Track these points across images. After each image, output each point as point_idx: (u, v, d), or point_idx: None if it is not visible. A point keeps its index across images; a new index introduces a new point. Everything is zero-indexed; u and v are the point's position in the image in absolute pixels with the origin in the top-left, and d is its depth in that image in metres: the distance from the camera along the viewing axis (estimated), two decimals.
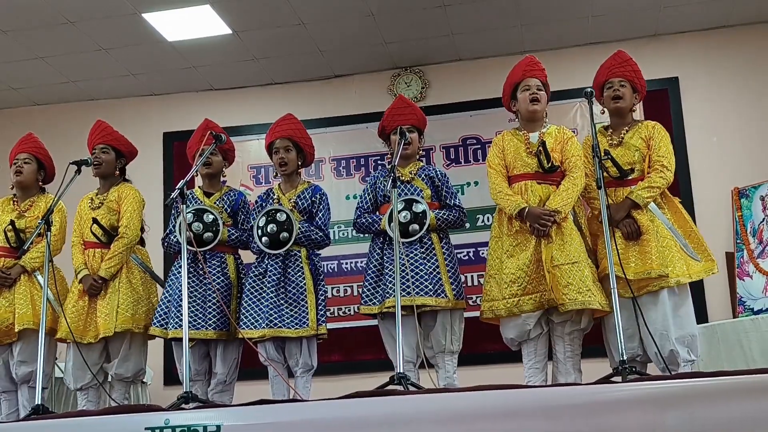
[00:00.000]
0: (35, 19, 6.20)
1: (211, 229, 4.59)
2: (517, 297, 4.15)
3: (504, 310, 4.18)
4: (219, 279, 4.60)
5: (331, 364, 6.14)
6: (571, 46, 6.88)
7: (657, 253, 4.09)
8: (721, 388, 2.93)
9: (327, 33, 6.61)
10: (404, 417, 3.09)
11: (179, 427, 3.17)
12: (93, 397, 4.71)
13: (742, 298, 6.00)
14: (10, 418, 4.73)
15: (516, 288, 4.15)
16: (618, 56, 4.49)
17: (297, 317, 4.42)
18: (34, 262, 4.77)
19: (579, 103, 6.68)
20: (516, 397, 3.11)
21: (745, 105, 6.63)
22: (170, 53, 6.83)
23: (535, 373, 4.23)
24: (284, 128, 4.73)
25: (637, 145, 4.31)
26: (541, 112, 4.43)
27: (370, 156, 7.06)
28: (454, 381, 4.40)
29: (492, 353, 5.67)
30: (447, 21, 6.50)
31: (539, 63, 4.50)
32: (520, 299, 4.14)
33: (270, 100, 7.28)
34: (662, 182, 4.22)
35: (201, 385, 4.62)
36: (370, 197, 4.67)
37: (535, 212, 4.17)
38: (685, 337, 4.11)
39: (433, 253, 4.44)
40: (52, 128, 7.01)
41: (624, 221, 4.17)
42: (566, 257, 4.13)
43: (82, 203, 4.88)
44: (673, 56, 6.77)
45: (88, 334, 4.62)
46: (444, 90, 7.09)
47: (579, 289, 4.08)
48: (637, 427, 2.91)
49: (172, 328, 4.49)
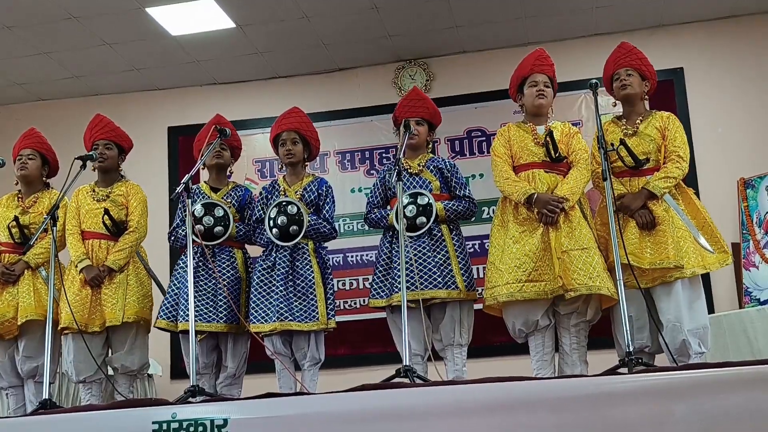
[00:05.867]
0: (39, 14, 6.20)
1: (221, 223, 4.59)
2: (521, 282, 4.11)
3: (505, 295, 4.12)
4: (228, 273, 4.60)
5: (337, 358, 6.14)
6: (575, 38, 6.86)
7: (673, 244, 4.08)
8: (727, 378, 2.93)
9: (331, 26, 6.60)
10: (411, 410, 3.10)
11: (186, 420, 3.18)
12: (97, 392, 4.70)
13: (749, 289, 5.99)
14: (17, 413, 4.74)
15: (520, 273, 4.11)
16: (622, 47, 4.49)
17: (307, 310, 4.41)
18: (38, 258, 4.77)
19: (584, 94, 6.66)
20: (522, 389, 3.10)
21: (751, 95, 6.61)
22: (174, 48, 6.83)
23: (544, 365, 4.22)
24: (291, 121, 4.71)
25: (652, 135, 4.30)
26: (547, 107, 4.43)
27: (375, 149, 7.05)
28: (463, 374, 4.38)
29: (498, 345, 5.66)
30: (451, 13, 6.48)
31: (548, 57, 4.49)
32: (524, 285, 4.10)
33: (274, 93, 7.27)
34: (678, 173, 4.21)
35: (209, 378, 4.62)
36: (379, 192, 4.65)
37: (543, 198, 4.16)
38: (698, 329, 4.11)
39: (443, 245, 4.41)
40: (57, 124, 7.01)
41: (639, 211, 4.16)
42: (576, 243, 4.12)
43: (80, 194, 4.83)
44: (678, 47, 6.75)
45: (94, 322, 4.60)
46: (448, 82, 7.07)
47: (590, 274, 4.06)
48: (643, 418, 2.91)
49: (182, 321, 4.48)
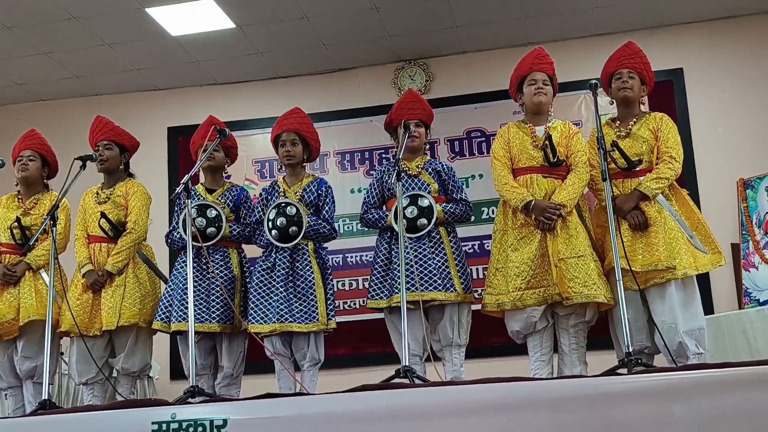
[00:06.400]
0: (39, 14, 6.20)
1: (214, 224, 4.59)
2: (521, 291, 4.15)
3: (509, 304, 4.18)
4: (222, 273, 4.61)
5: (337, 358, 6.14)
6: (575, 38, 6.85)
7: (664, 245, 4.08)
8: (726, 379, 2.93)
9: (330, 26, 6.60)
10: (410, 410, 3.10)
11: (186, 421, 3.18)
12: (99, 393, 4.71)
13: (748, 290, 5.99)
14: (16, 413, 4.74)
15: (520, 282, 4.15)
16: (628, 47, 4.47)
17: (307, 311, 4.41)
18: (39, 260, 4.77)
19: (584, 95, 6.66)
20: (521, 390, 3.10)
21: (751, 96, 6.61)
22: (174, 48, 6.83)
23: (542, 366, 4.23)
24: (292, 122, 4.71)
25: (645, 136, 4.30)
26: (547, 105, 4.43)
27: (375, 149, 7.05)
28: (461, 374, 4.40)
29: (497, 346, 5.66)
30: (451, 13, 6.48)
31: (548, 56, 4.49)
32: (524, 293, 4.15)
33: (274, 94, 7.28)
34: (670, 173, 4.21)
35: (207, 379, 4.63)
36: (376, 192, 4.65)
37: (540, 205, 4.17)
38: (693, 331, 4.10)
39: (441, 248, 4.43)
40: (57, 124, 7.02)
41: (631, 213, 4.16)
42: (572, 251, 4.13)
43: (86, 197, 4.87)
44: (677, 47, 6.75)
45: (94, 326, 4.62)
46: (448, 83, 7.07)
47: (585, 282, 4.08)
48: (643, 418, 2.91)
49: (175, 321, 4.49)
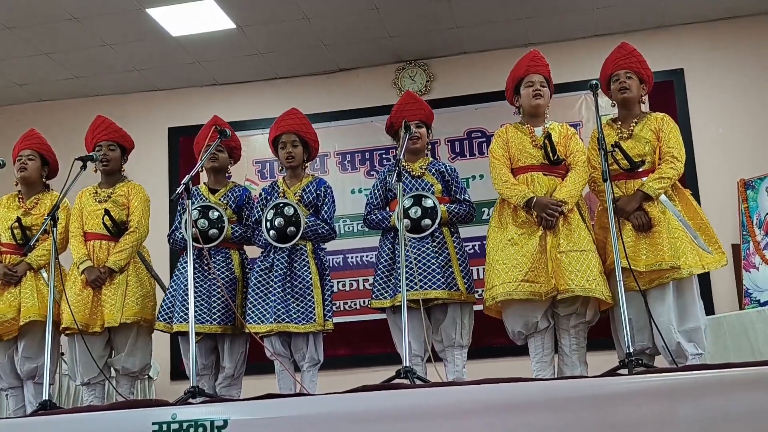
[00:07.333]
0: (39, 15, 6.20)
1: (216, 225, 4.59)
2: (517, 282, 4.11)
3: (501, 294, 4.13)
4: (224, 274, 4.60)
5: (337, 358, 6.15)
6: (575, 39, 6.86)
7: (668, 245, 4.07)
8: (727, 380, 2.92)
9: (331, 27, 6.60)
10: (411, 410, 3.09)
11: (186, 421, 3.17)
12: (99, 393, 4.71)
13: (749, 290, 5.99)
14: (17, 414, 4.74)
15: (516, 272, 4.11)
16: (622, 48, 4.48)
17: (304, 312, 4.42)
18: (40, 260, 4.76)
19: (584, 95, 6.67)
20: (521, 390, 3.10)
21: (751, 96, 6.61)
22: (174, 48, 6.83)
23: (543, 366, 4.22)
24: (291, 123, 4.71)
25: (647, 137, 4.29)
26: (544, 107, 4.43)
27: (375, 150, 7.05)
28: (463, 375, 4.40)
29: (498, 347, 5.66)
30: (451, 14, 6.48)
31: (543, 58, 4.49)
32: (520, 284, 4.10)
33: (274, 94, 7.28)
34: (673, 173, 4.21)
35: (208, 379, 4.63)
36: (379, 193, 4.65)
37: (542, 202, 4.16)
38: (689, 332, 4.10)
39: (444, 247, 4.43)
40: (57, 124, 7.03)
41: (635, 213, 4.15)
42: (573, 245, 4.12)
43: (83, 196, 4.84)
44: (678, 48, 6.75)
45: (95, 323, 4.60)
46: (449, 83, 7.07)
47: (586, 277, 4.06)
48: (644, 419, 2.90)
49: (177, 322, 4.50)
